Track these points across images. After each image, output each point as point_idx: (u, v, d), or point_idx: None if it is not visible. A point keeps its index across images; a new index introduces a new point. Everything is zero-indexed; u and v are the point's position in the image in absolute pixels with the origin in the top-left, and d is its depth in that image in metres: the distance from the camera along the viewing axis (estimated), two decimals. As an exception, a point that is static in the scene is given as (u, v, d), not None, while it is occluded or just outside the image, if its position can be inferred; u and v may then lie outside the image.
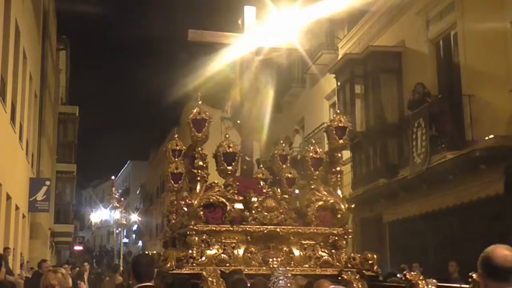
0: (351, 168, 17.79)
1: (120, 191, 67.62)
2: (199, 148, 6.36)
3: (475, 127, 12.60)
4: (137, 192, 58.59)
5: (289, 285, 4.27)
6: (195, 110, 6.35)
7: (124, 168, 67.80)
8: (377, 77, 16.23)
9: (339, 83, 18.04)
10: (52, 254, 33.00)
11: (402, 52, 15.98)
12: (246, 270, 5.86)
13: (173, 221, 7.11)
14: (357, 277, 6.07)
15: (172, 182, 7.08)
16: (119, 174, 70.01)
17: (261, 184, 6.90)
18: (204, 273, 5.22)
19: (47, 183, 21.05)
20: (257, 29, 7.58)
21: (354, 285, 5.93)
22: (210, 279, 5.02)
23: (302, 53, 19.98)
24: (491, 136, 11.76)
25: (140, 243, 56.33)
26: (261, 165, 10.78)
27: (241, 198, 6.49)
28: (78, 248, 49.15)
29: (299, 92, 23.74)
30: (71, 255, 47.58)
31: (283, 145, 7.77)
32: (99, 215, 63.09)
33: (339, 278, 5.97)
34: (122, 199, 43.51)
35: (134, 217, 56.35)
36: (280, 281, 4.24)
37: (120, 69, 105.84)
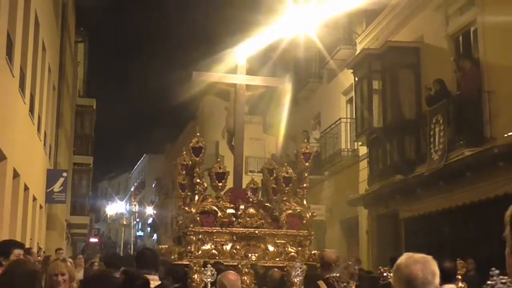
0: (367, 164, 17.74)
1: (135, 184, 68.03)
2: (197, 169, 8.24)
3: (494, 123, 12.50)
4: (153, 186, 58.81)
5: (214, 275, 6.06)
6: (194, 140, 8.21)
7: (140, 161, 68.09)
8: (395, 73, 16.14)
9: (356, 79, 17.96)
10: (68, 246, 33.26)
11: (421, 48, 15.88)
12: (231, 262, 7.68)
13: (180, 222, 8.62)
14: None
15: (180, 191, 8.55)
16: (135, 167, 70.35)
17: (248, 194, 8.48)
18: (191, 263, 7.48)
19: (64, 174, 21.16)
20: (247, 70, 9.35)
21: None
22: (194, 267, 7.39)
23: (319, 48, 20.09)
24: (510, 133, 11.66)
25: (155, 236, 56.58)
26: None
27: (232, 205, 8.24)
28: (93, 240, 49.54)
29: (316, 87, 23.68)
30: (86, 246, 47.91)
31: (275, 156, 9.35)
32: (115, 208, 63.54)
33: (285, 269, 7.70)
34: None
35: (149, 210, 56.59)
36: (213, 273, 6.08)
37: (138, 63, 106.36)
